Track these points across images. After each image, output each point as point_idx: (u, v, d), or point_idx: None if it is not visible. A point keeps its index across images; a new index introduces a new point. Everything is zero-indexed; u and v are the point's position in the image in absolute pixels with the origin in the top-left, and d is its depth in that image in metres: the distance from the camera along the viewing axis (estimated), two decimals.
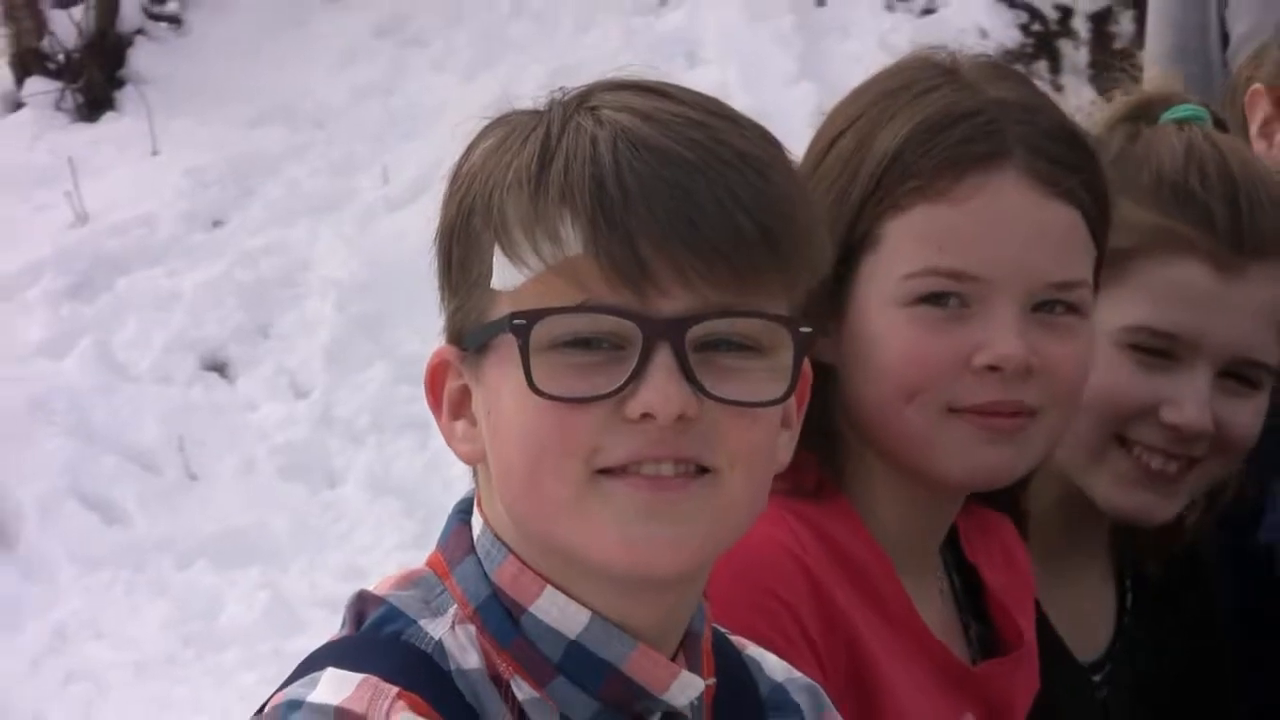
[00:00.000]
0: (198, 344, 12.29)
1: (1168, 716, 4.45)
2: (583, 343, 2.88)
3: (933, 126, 3.75)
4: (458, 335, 3.03)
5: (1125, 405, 4.16)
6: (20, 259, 12.45)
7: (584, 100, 3.03)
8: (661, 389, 2.84)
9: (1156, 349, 4.16)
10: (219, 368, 12.25)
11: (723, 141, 2.98)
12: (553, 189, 2.91)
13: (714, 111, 3.06)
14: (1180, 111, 4.30)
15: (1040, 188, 3.74)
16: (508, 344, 2.90)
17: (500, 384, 2.95)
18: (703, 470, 2.89)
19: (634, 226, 2.88)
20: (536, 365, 2.85)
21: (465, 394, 3.04)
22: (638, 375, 2.84)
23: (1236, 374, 4.22)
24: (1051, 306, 3.69)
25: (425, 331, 3.01)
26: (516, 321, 2.86)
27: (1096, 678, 4.32)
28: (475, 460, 3.05)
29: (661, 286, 2.87)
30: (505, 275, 2.92)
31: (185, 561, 10.79)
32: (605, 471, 2.89)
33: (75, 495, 11.31)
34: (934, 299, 3.66)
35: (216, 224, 13.01)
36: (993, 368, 3.62)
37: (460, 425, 3.05)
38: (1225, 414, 4.18)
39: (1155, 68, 5.80)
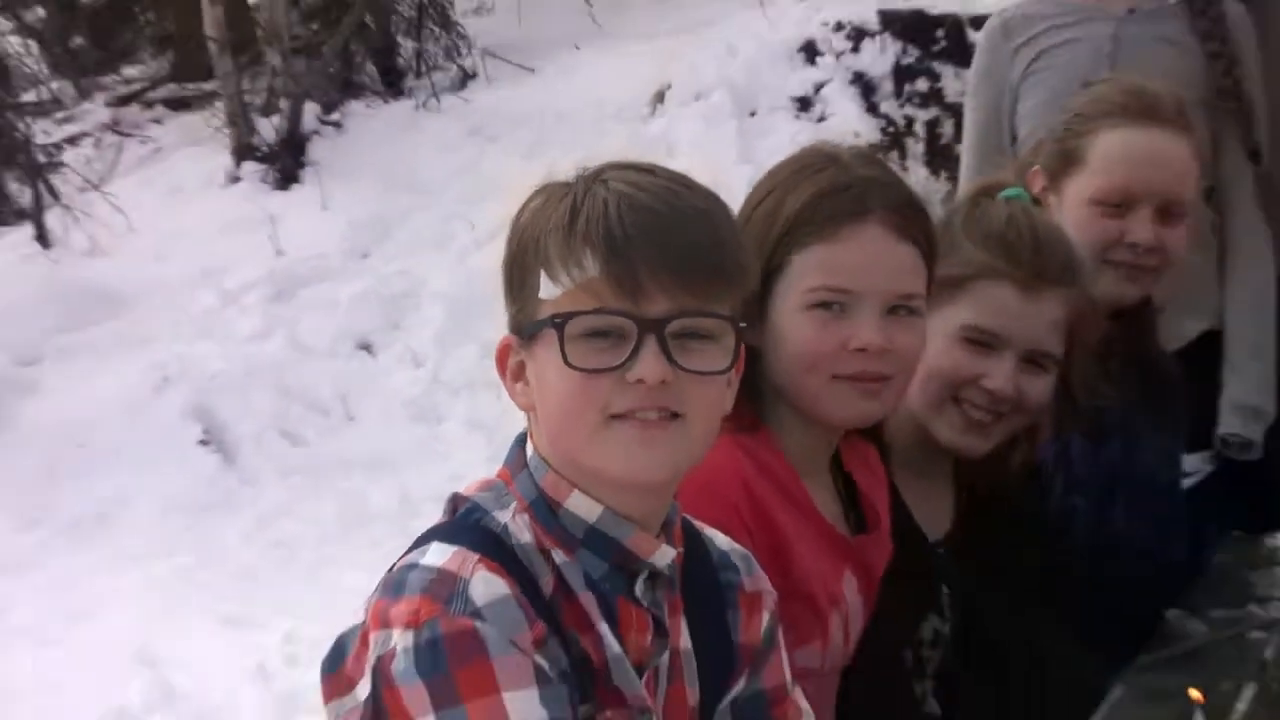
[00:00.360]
0: (353, 333, 12.81)
1: (983, 569, 4.38)
2: (599, 334, 3.10)
3: (823, 194, 3.89)
4: (516, 328, 3.24)
5: (959, 376, 4.33)
6: (240, 278, 13.02)
7: (598, 175, 3.22)
8: (650, 364, 3.08)
9: (981, 341, 4.33)
10: (367, 347, 12.78)
11: (687, 202, 3.19)
12: (579, 234, 3.10)
13: (682, 183, 3.25)
14: (1009, 192, 4.56)
15: (892, 234, 3.86)
16: (550, 335, 3.12)
17: (545, 360, 3.15)
18: (675, 415, 3.13)
19: (631, 259, 3.08)
20: (568, 348, 3.09)
21: (521, 366, 3.24)
22: (634, 355, 3.09)
23: (1032, 360, 4.36)
24: (898, 310, 3.84)
25: (499, 326, 3.46)
26: (556, 320, 3.10)
27: (940, 549, 4.43)
28: (528, 409, 3.26)
29: (649, 298, 3.09)
30: (548, 290, 3.14)
31: (346, 473, 11.36)
32: (614, 417, 3.12)
33: (275, 429, 11.87)
34: (823, 305, 3.82)
35: (364, 256, 13.45)
36: (861, 350, 3.79)
37: (519, 386, 3.25)
38: (1024, 386, 4.35)
39: (969, 155, 6.09)
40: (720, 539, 3.51)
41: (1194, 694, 3.66)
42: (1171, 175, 4.92)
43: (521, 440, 3.31)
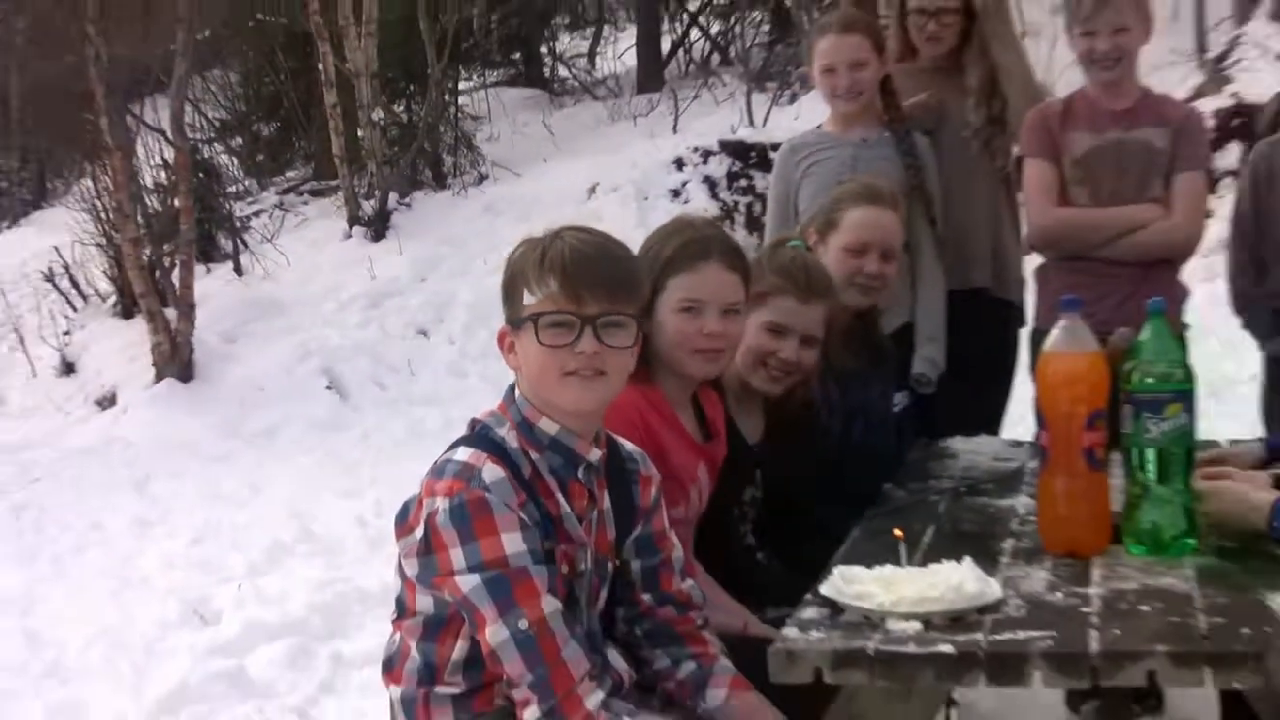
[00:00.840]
0: (415, 324, 12.93)
1: (780, 459, 4.34)
2: (558, 325, 3.11)
3: (685, 243, 3.85)
4: (509, 321, 3.22)
5: (764, 351, 4.21)
6: (350, 293, 13.19)
7: (558, 233, 3.19)
8: (587, 343, 3.11)
9: (776, 330, 4.19)
10: (424, 333, 12.83)
11: (609, 249, 3.22)
12: (546, 267, 3.12)
13: (606, 237, 3.27)
14: (794, 243, 4.47)
15: (725, 268, 3.85)
16: (529, 326, 3.14)
17: (527, 341, 3.15)
18: (601, 373, 3.15)
19: (576, 281, 3.11)
20: (541, 334, 3.12)
21: (512, 344, 3.22)
22: (579, 337, 3.11)
23: (806, 341, 4.24)
24: (729, 312, 3.83)
25: (499, 321, 3.46)
26: (533, 317, 3.12)
27: (755, 448, 4.30)
28: (517, 369, 3.22)
29: (587, 304, 3.11)
30: (528, 299, 3.15)
31: (411, 407, 11.62)
32: (567, 373, 3.13)
33: (371, 380, 12.14)
34: (687, 309, 3.79)
35: (422, 280, 13.43)
36: (708, 335, 3.79)
37: (511, 356, 3.23)
38: (802, 357, 4.25)
39: (770, 223, 5.98)
40: (628, 445, 3.47)
41: (897, 533, 3.54)
42: (888, 234, 4.91)
43: (511, 388, 3.27)
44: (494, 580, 3.00)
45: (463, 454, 3.12)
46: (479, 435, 3.20)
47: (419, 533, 3.10)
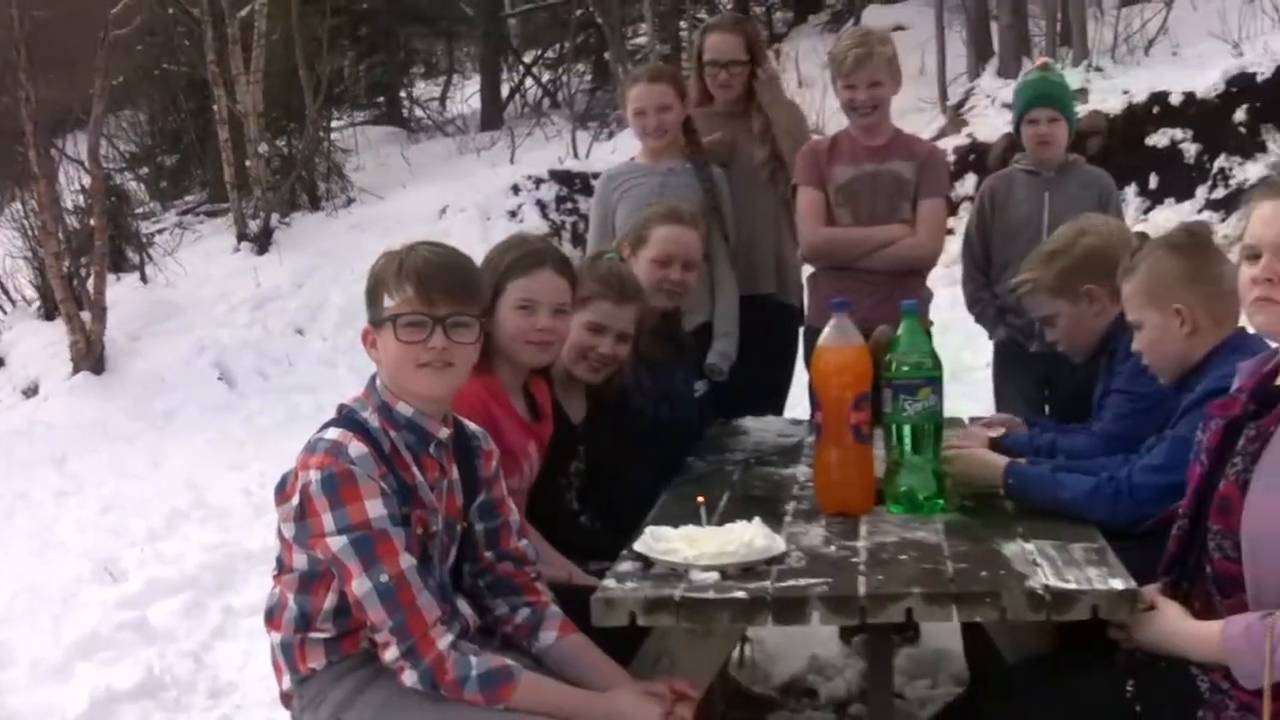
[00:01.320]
0: (293, 324, 12.69)
1: (599, 437, 4.28)
2: (413, 324, 3.07)
3: (521, 255, 3.80)
4: (372, 321, 3.15)
5: (586, 346, 4.14)
6: (239, 298, 12.87)
7: (413, 247, 3.15)
8: (438, 339, 3.08)
9: (596, 328, 4.12)
10: (300, 331, 12.54)
11: (456, 259, 3.17)
12: (403, 275, 3.07)
13: (454, 250, 3.21)
14: (610, 255, 4.47)
15: (557, 274, 3.81)
16: (389, 324, 3.08)
17: (388, 337, 3.09)
18: (449, 364, 3.11)
19: (430, 287, 3.07)
20: (398, 332, 3.06)
21: (374, 341, 3.15)
22: (431, 334, 3.07)
23: (621, 337, 4.25)
24: (559, 312, 3.79)
25: (364, 320, 3.36)
26: (393, 317, 3.07)
27: (578, 427, 4.24)
28: (378, 361, 3.16)
29: (438, 306, 3.07)
30: (388, 302, 3.09)
31: (290, 394, 11.38)
32: (420, 365, 3.08)
33: (255, 371, 11.84)
34: (523, 308, 3.77)
35: (299, 286, 13.12)
36: (540, 330, 3.75)
37: (373, 351, 3.16)
38: (617, 351, 4.21)
39: (591, 239, 5.98)
40: (471, 425, 3.42)
41: (699, 498, 3.61)
42: (689, 248, 4.89)
43: (373, 377, 3.21)
44: (359, 540, 2.96)
45: (332, 433, 3.07)
46: (346, 417, 3.15)
47: (295, 500, 3.05)
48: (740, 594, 3.03)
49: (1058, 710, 3.02)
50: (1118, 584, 2.99)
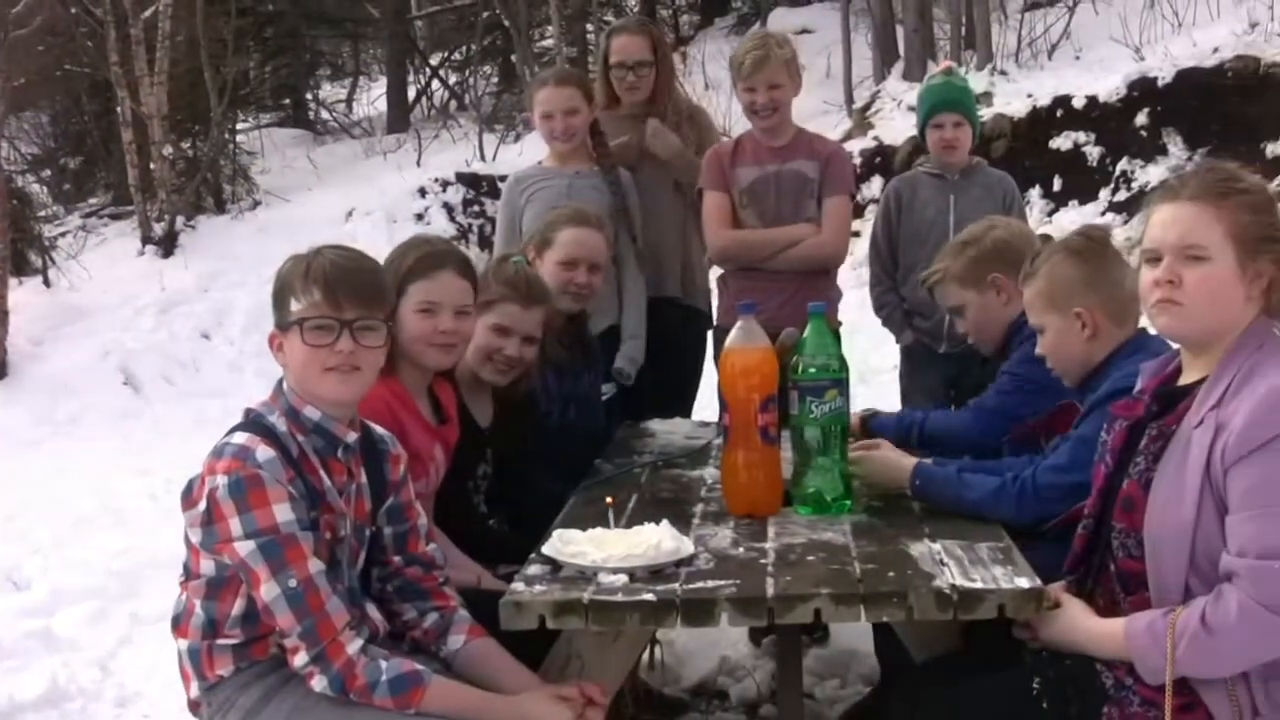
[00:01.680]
0: (200, 328, 12.57)
1: (509, 440, 4.33)
2: (320, 328, 3.07)
3: (422, 256, 3.80)
4: (278, 324, 3.14)
5: (491, 349, 4.13)
6: (144, 302, 12.69)
7: (319, 250, 3.14)
8: (345, 343, 3.08)
9: (502, 331, 4.14)
10: (206, 335, 12.46)
11: (361, 263, 3.18)
12: (310, 278, 3.08)
13: (359, 254, 3.22)
14: (516, 259, 4.39)
15: (458, 276, 3.80)
16: (296, 328, 3.09)
17: (294, 341, 3.09)
18: (357, 368, 3.11)
19: (337, 291, 3.08)
20: (305, 335, 3.06)
21: (280, 345, 3.14)
22: (338, 338, 3.07)
23: (527, 339, 4.23)
24: (461, 313, 3.79)
25: (271, 324, 3.34)
26: (300, 320, 3.07)
27: (485, 431, 4.24)
28: (285, 365, 3.15)
29: (344, 309, 3.08)
30: (295, 306, 3.10)
31: (196, 398, 11.20)
32: (327, 369, 3.09)
33: (161, 376, 11.61)
34: (426, 310, 3.73)
35: (206, 290, 12.96)
36: (444, 331, 3.74)
37: (280, 355, 3.15)
38: (524, 352, 4.21)
39: (498, 242, 5.98)
40: (378, 429, 3.41)
41: (609, 500, 3.61)
42: (594, 250, 4.89)
43: (280, 381, 3.20)
44: (267, 545, 2.95)
45: (239, 438, 3.05)
46: (253, 421, 3.13)
47: (202, 506, 3.01)
48: (649, 596, 3.03)
49: (965, 708, 3.03)
50: (1024, 583, 3.01)
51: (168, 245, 14.37)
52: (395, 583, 3.37)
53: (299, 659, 2.97)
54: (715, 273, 5.90)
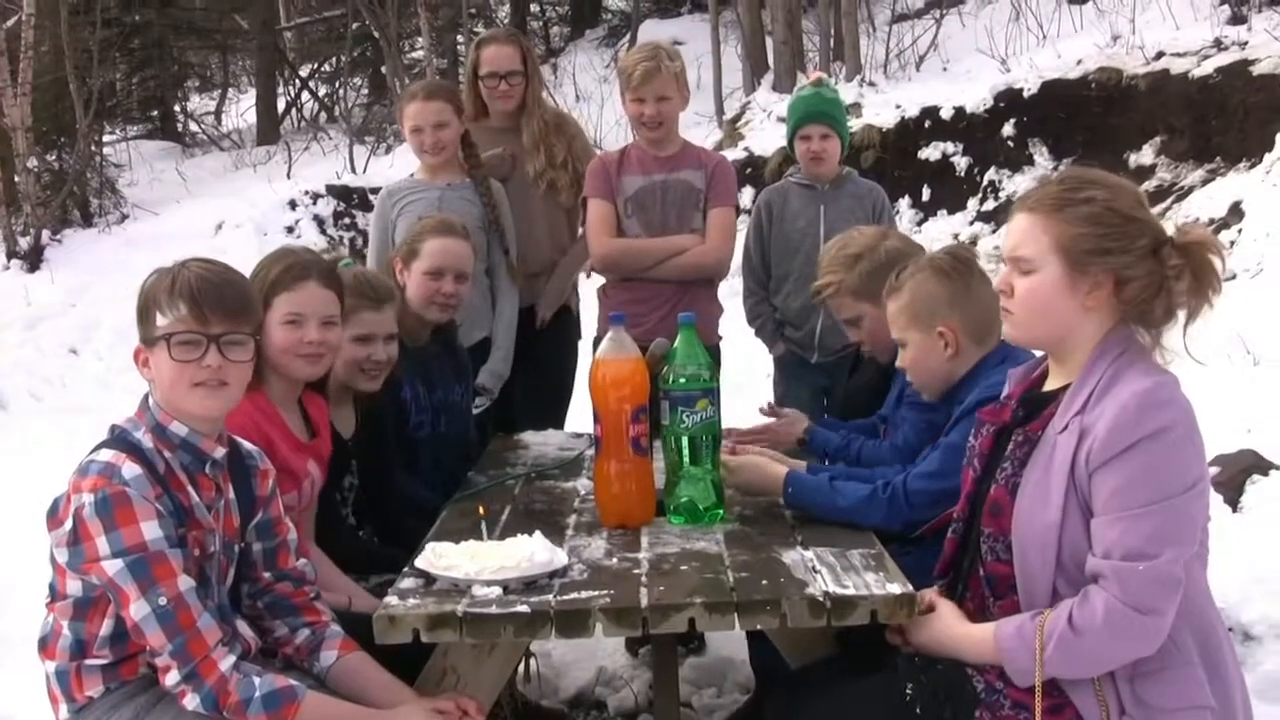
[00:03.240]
0: (68, 343, 12.38)
1: (372, 447, 4.30)
2: (187, 343, 3.03)
3: (287, 267, 3.74)
4: (144, 340, 3.09)
5: (360, 358, 4.14)
6: (11, 317, 12.52)
7: (185, 264, 3.11)
8: (213, 357, 3.05)
9: (364, 339, 4.15)
10: (75, 351, 12.22)
11: (228, 277, 3.14)
12: (176, 293, 3.04)
13: (226, 268, 3.18)
14: (344, 262, 4.34)
15: (323, 286, 3.78)
16: (163, 344, 3.03)
17: (161, 356, 3.04)
18: (224, 383, 3.08)
19: (204, 305, 3.04)
20: (173, 351, 3.02)
21: (146, 360, 3.09)
22: (205, 353, 3.04)
23: (389, 338, 4.22)
24: (326, 324, 3.75)
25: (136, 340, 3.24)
26: (166, 336, 3.02)
27: (349, 441, 4.17)
28: (151, 380, 3.11)
29: (211, 324, 3.04)
30: (160, 321, 3.05)
31: (65, 415, 10.85)
32: (195, 384, 3.05)
33: (28, 393, 11.31)
34: (291, 322, 3.70)
35: (73, 305, 12.58)
36: (310, 342, 3.72)
37: (146, 370, 3.10)
38: (390, 353, 4.22)
39: (371, 256, 5.91)
40: (246, 444, 3.39)
41: (481, 510, 3.62)
42: (460, 259, 4.88)
43: (146, 397, 3.15)
44: (135, 563, 2.90)
45: (105, 455, 3.00)
46: (118, 438, 3.08)
47: (68, 525, 2.96)
48: (523, 608, 3.02)
49: (838, 715, 3.05)
50: (895, 589, 3.03)
51: (33, 259, 14.14)
52: (265, 599, 3.34)
53: (170, 678, 2.93)
54: (597, 282, 5.90)
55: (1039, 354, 3.20)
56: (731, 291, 6.05)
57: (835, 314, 4.54)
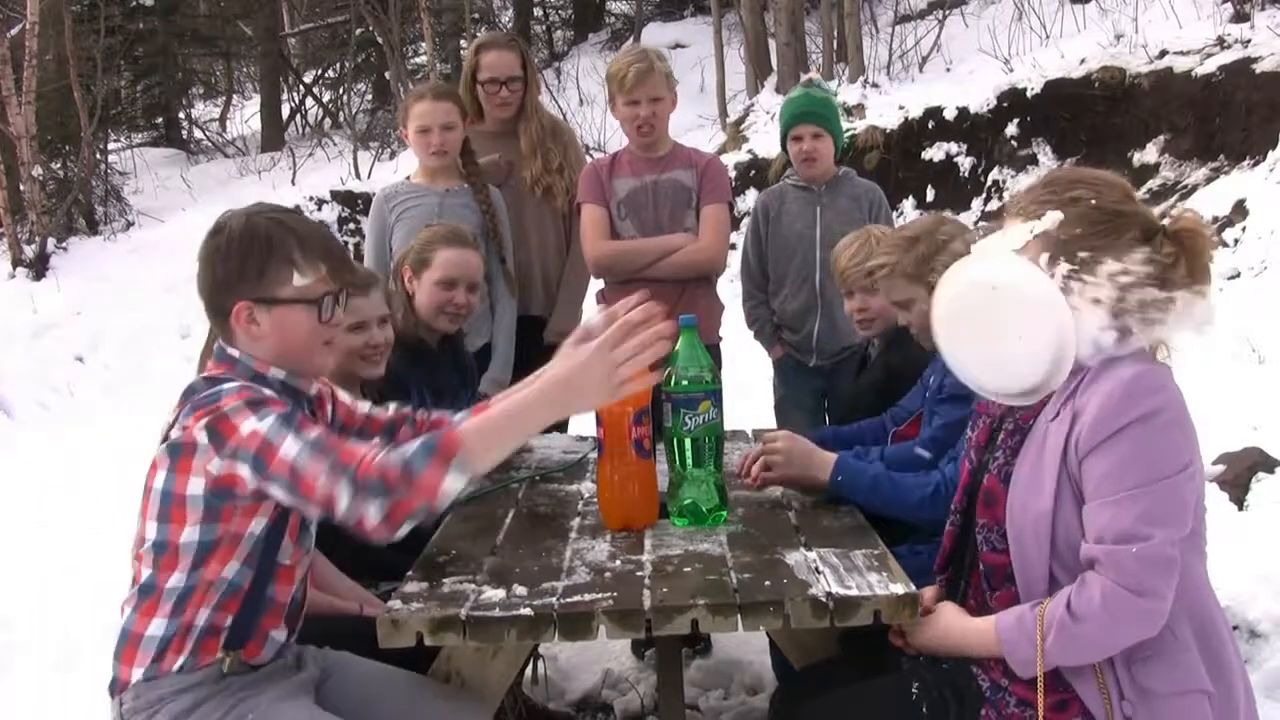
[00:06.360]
0: (74, 352, 12.43)
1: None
2: (339, 302, 3.08)
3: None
4: (263, 299, 2.98)
5: (356, 346, 4.17)
6: (17, 325, 12.57)
7: (276, 214, 3.07)
8: (340, 315, 3.10)
9: (359, 326, 4.17)
10: (80, 359, 12.28)
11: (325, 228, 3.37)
12: (311, 249, 3.02)
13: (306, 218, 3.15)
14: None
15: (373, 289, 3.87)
16: (306, 304, 3.00)
17: (296, 315, 3.00)
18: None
19: (339, 261, 3.06)
20: (322, 310, 3.03)
21: (252, 317, 2.98)
22: (334, 313, 3.07)
23: (382, 322, 4.25)
24: (381, 325, 3.91)
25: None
26: (317, 295, 3.01)
27: None
28: (260, 338, 3.01)
29: (345, 279, 3.09)
30: (301, 281, 3.00)
31: (71, 424, 10.93)
32: (326, 342, 3.07)
33: (34, 401, 11.38)
34: (356, 327, 3.82)
35: (79, 313, 12.67)
36: (376, 345, 3.86)
37: (253, 328, 3.00)
38: (389, 336, 4.25)
39: (368, 258, 5.87)
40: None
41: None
42: (472, 270, 4.89)
43: (226, 355, 3.04)
44: (287, 417, 2.82)
45: (231, 385, 2.91)
46: (228, 378, 2.98)
47: (203, 437, 2.85)
48: (526, 611, 3.01)
49: (844, 714, 3.05)
50: (898, 589, 3.03)
51: (39, 268, 14.20)
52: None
53: (342, 503, 2.78)
54: (594, 286, 5.93)
55: None
56: (733, 294, 6.05)
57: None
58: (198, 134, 23.01)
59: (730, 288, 6.25)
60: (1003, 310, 2.89)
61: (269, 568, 3.01)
